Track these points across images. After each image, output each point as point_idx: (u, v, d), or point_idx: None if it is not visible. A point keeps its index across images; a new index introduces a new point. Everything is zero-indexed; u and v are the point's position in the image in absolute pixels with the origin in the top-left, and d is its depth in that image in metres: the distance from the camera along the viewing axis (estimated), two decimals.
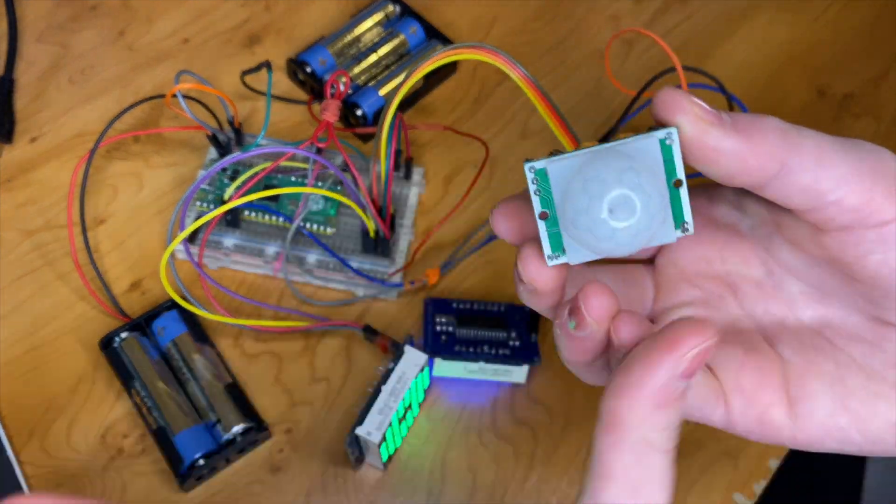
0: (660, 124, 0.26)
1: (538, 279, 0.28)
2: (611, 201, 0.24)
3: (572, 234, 0.26)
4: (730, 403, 0.30)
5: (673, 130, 0.25)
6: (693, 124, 0.25)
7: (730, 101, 0.38)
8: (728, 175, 0.26)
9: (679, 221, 0.26)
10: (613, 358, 0.29)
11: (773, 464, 0.38)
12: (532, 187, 0.26)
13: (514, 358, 0.38)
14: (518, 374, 0.39)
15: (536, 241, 0.27)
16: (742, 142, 0.25)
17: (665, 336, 0.23)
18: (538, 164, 0.26)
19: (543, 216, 0.26)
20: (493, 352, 0.38)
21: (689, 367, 0.23)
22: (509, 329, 0.39)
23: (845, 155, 0.26)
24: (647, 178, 0.24)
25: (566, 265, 0.27)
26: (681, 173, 0.25)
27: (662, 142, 0.25)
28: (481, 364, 0.38)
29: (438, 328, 0.39)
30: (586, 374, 0.31)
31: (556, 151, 0.27)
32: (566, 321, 0.28)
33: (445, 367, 0.39)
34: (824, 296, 0.30)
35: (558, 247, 0.27)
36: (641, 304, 0.32)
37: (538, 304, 0.30)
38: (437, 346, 0.38)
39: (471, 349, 0.38)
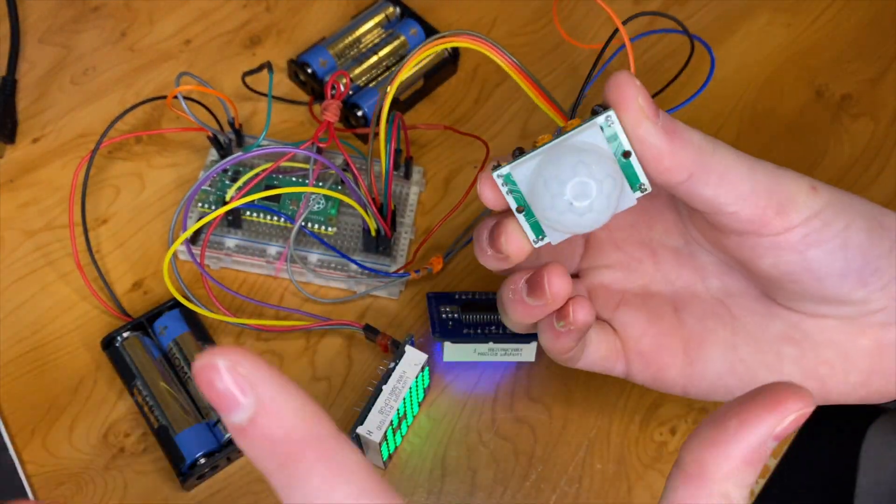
0: (607, 103, 0.28)
1: (517, 255, 0.31)
2: (570, 192, 0.27)
3: (547, 223, 0.29)
4: (629, 362, 0.34)
5: (610, 113, 0.28)
6: (632, 112, 0.28)
7: (692, 41, 0.38)
8: (645, 169, 0.29)
9: (636, 184, 0.29)
10: (547, 321, 0.32)
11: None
12: (503, 189, 0.29)
13: (523, 335, 0.38)
14: (528, 351, 0.39)
15: (510, 223, 0.31)
16: (664, 142, 0.28)
17: (767, 396, 0.23)
18: (503, 171, 0.29)
19: (520, 210, 0.30)
20: (501, 330, 0.38)
21: (784, 430, 0.23)
22: None
23: (748, 175, 0.29)
24: (597, 161, 0.28)
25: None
26: (627, 145, 0.28)
27: (604, 125, 0.28)
28: (491, 345, 0.38)
29: (444, 316, 0.39)
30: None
31: (520, 150, 0.29)
32: (522, 288, 0.32)
33: (455, 352, 0.39)
34: (730, 269, 0.33)
35: (539, 231, 0.30)
36: (571, 259, 0.36)
37: (498, 267, 0.33)
38: (444, 331, 0.38)
39: (479, 331, 0.38)
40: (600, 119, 0.28)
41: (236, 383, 0.19)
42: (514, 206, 0.30)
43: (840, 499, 0.46)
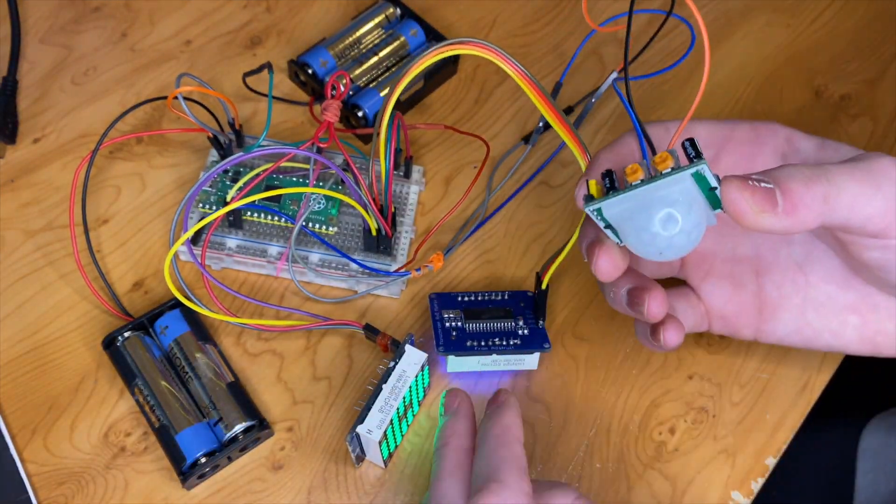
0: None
1: (606, 277, 0.33)
2: (658, 244, 0.30)
3: (635, 250, 0.31)
4: (711, 323, 0.38)
5: (703, 167, 0.29)
6: (749, 218, 0.29)
7: (666, 17, 0.39)
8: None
9: (717, 206, 0.30)
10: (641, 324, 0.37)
11: (771, 462, 0.39)
12: (594, 216, 0.31)
13: (524, 347, 0.39)
14: (530, 361, 0.39)
15: (607, 250, 0.33)
16: (790, 221, 0.30)
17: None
18: (595, 205, 0.31)
19: (607, 227, 0.32)
20: (504, 343, 0.39)
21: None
22: (516, 317, 0.39)
23: (877, 196, 0.30)
24: (686, 213, 0.29)
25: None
26: (714, 182, 0.29)
27: (695, 174, 0.29)
28: (494, 356, 0.39)
29: (447, 324, 0.39)
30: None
31: (610, 177, 0.31)
32: (623, 297, 0.35)
33: (459, 363, 0.39)
34: (816, 239, 0.36)
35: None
36: None
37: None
38: (448, 344, 0.38)
39: (482, 343, 0.39)
40: (692, 169, 0.29)
41: None
42: (602, 225, 0.32)
43: (839, 499, 0.46)
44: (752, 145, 0.36)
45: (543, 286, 0.38)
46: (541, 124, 0.46)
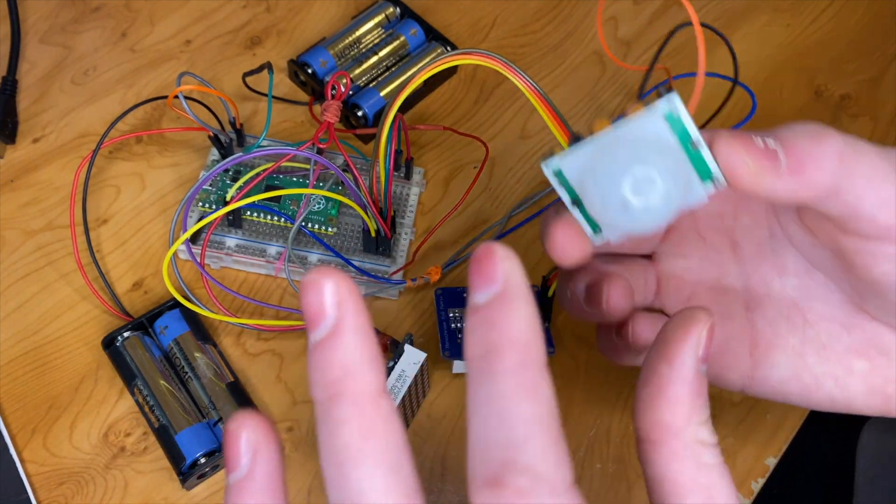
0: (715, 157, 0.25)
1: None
2: (623, 191, 0.24)
3: (602, 222, 0.27)
4: None
5: (673, 98, 0.24)
6: (748, 179, 0.25)
7: (734, 85, 0.38)
8: (774, 201, 0.27)
9: (707, 177, 0.25)
10: (605, 329, 0.32)
11: (771, 462, 0.39)
12: (554, 182, 0.26)
13: None
14: None
15: (566, 222, 0.28)
16: (796, 181, 0.25)
17: (676, 327, 0.23)
18: (552, 163, 0.26)
19: (575, 203, 0.27)
20: None
21: (705, 349, 0.23)
22: None
23: (885, 183, 0.26)
24: (656, 158, 0.24)
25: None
26: (695, 135, 0.25)
27: (669, 115, 0.24)
28: None
29: (453, 325, 0.39)
30: (577, 319, 0.33)
31: (577, 137, 0.26)
32: (580, 292, 0.30)
33: (465, 366, 0.39)
34: (814, 270, 0.31)
35: (597, 227, 0.27)
36: (649, 240, 0.33)
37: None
38: (454, 349, 0.39)
39: None
40: (662, 106, 0.24)
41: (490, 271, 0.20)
42: (567, 199, 0.27)
43: (839, 498, 0.46)
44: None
45: (550, 294, 0.38)
46: None
